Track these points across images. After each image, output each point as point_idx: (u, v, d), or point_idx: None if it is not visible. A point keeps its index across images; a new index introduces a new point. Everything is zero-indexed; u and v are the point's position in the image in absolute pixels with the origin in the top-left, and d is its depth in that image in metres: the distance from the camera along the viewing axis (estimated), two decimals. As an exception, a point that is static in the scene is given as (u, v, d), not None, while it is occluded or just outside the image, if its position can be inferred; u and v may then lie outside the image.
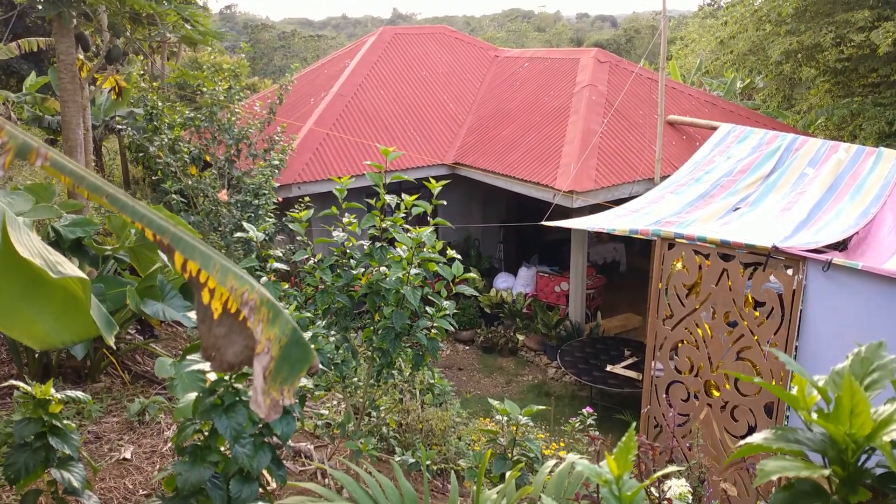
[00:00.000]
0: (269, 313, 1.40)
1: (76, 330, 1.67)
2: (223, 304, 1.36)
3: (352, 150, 12.22)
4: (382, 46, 15.09)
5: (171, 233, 1.33)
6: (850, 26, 12.19)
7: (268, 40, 49.34)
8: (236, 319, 1.38)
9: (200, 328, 1.38)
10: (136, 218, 1.33)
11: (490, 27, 69.17)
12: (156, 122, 9.08)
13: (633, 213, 8.18)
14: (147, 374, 5.51)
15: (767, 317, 6.52)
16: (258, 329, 1.38)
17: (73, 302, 1.64)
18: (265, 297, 1.41)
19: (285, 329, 1.42)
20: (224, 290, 1.35)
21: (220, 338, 1.38)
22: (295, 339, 1.42)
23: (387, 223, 3.61)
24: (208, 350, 1.39)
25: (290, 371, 1.41)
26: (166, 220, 1.37)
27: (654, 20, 53.81)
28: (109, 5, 7.35)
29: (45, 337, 1.65)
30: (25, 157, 1.21)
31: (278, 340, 1.40)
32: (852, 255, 6.57)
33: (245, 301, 1.37)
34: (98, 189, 1.31)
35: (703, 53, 24.86)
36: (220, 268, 1.36)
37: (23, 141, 1.20)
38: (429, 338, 3.64)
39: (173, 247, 1.32)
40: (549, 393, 10.22)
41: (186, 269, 1.33)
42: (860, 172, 7.85)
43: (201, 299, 1.36)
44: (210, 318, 1.37)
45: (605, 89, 12.37)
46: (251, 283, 1.40)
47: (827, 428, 1.17)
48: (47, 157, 1.23)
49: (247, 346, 1.38)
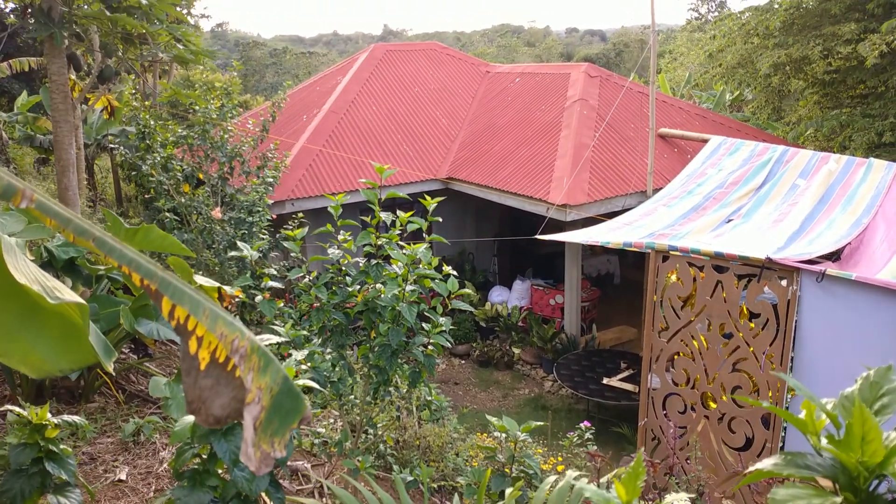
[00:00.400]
0: (259, 361, 1.36)
1: (74, 357, 1.65)
2: (211, 353, 1.32)
3: (345, 166, 12.23)
4: (374, 63, 15.16)
5: (160, 277, 1.30)
6: (837, 39, 12.32)
7: (259, 57, 49.52)
8: (224, 370, 1.33)
9: (185, 381, 1.33)
10: (124, 262, 1.30)
11: (480, 42, 69.58)
12: (148, 141, 9.08)
13: (626, 226, 8.21)
14: (141, 394, 5.47)
15: (763, 328, 6.53)
16: (248, 377, 1.33)
17: (71, 328, 1.62)
18: (256, 344, 1.37)
19: (276, 378, 1.37)
20: (213, 337, 1.31)
21: (205, 389, 1.33)
22: (286, 388, 1.38)
23: (382, 240, 3.60)
24: (193, 403, 1.33)
25: (281, 422, 1.37)
26: (154, 265, 1.34)
27: (643, 34, 54.28)
28: (101, 25, 7.36)
29: (42, 365, 1.62)
30: (9, 200, 1.20)
31: (269, 389, 1.36)
32: (845, 265, 6.60)
33: (235, 348, 1.33)
34: (85, 233, 1.29)
35: (692, 66, 25.09)
36: (210, 314, 1.33)
37: (7, 182, 1.19)
38: (425, 354, 3.63)
39: (161, 292, 1.29)
40: (546, 406, 10.19)
41: (174, 317, 1.30)
42: (851, 183, 7.91)
43: (188, 349, 1.32)
44: (196, 369, 1.32)
45: (596, 103, 12.44)
46: (241, 330, 1.36)
47: (838, 455, 1.16)
48: (33, 199, 1.21)
49: (234, 397, 1.34)
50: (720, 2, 41.64)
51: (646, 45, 47.43)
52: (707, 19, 38.15)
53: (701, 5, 41.57)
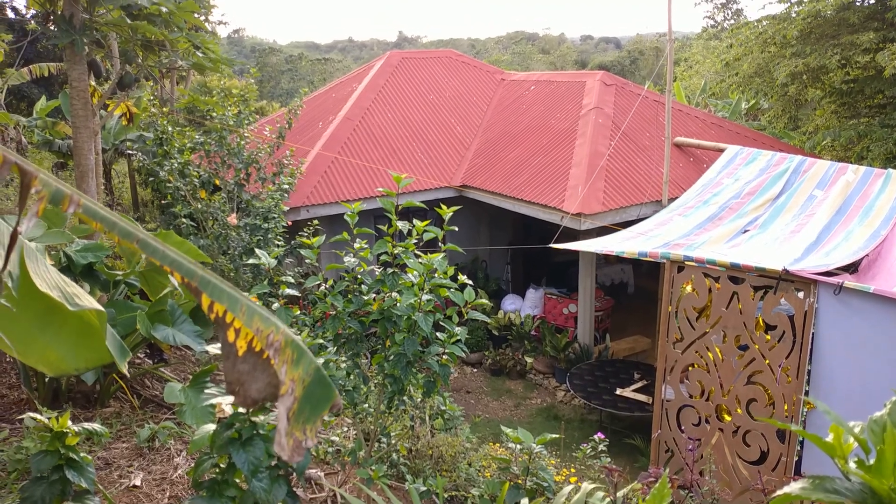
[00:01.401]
0: (293, 354, 1.40)
1: (90, 357, 1.68)
2: (248, 342, 1.37)
3: (360, 173, 12.28)
4: (390, 70, 15.22)
5: (200, 276, 1.35)
6: (856, 48, 12.24)
7: (275, 64, 49.83)
8: (260, 357, 1.38)
9: (225, 364, 1.39)
10: (166, 262, 1.34)
11: (495, 49, 69.70)
12: (166, 147, 9.16)
13: (641, 236, 8.18)
14: (156, 399, 5.50)
15: (779, 340, 6.48)
16: (283, 370, 1.38)
17: (88, 329, 1.65)
18: (290, 337, 1.41)
19: (308, 369, 1.42)
20: (249, 330, 1.36)
21: (244, 374, 1.38)
22: (318, 378, 1.42)
23: (398, 249, 3.61)
24: (232, 385, 1.39)
25: (312, 411, 1.41)
26: (195, 264, 1.39)
27: (659, 42, 54.16)
28: (122, 32, 7.45)
29: (59, 364, 1.65)
30: (59, 204, 1.22)
31: (302, 381, 1.40)
32: (863, 277, 6.54)
33: (270, 342, 1.38)
34: (129, 235, 1.32)
35: (708, 75, 25.00)
36: (247, 310, 1.37)
37: (55, 188, 1.22)
38: (440, 364, 3.63)
39: (201, 289, 1.33)
40: (558, 416, 10.15)
41: (213, 310, 1.34)
42: (869, 194, 7.84)
43: (226, 337, 1.37)
44: (234, 355, 1.37)
45: (611, 112, 12.42)
46: (276, 325, 1.41)
47: (869, 481, 1.14)
48: (80, 203, 1.24)
49: (270, 382, 1.39)
50: (736, 10, 41.43)
51: (661, 52, 47.21)
52: (723, 27, 37.98)
53: (717, 13, 41.33)
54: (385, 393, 3.87)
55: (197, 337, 4.91)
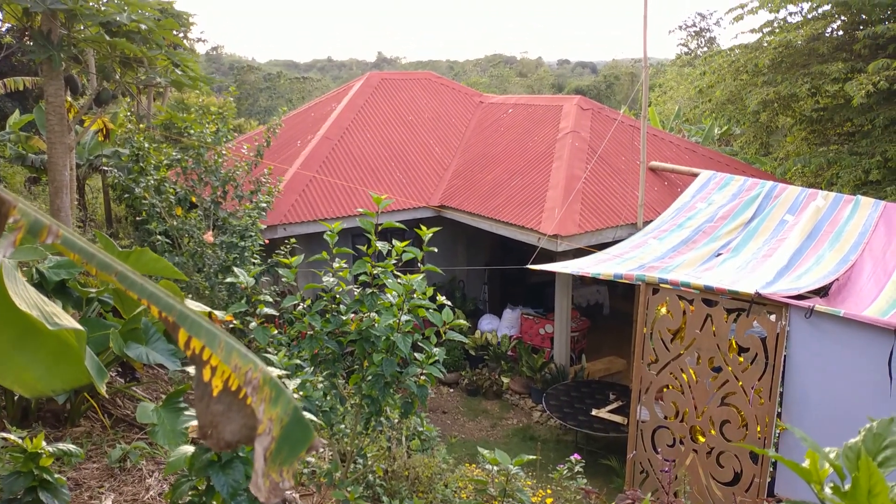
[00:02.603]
0: (271, 392, 1.38)
1: (67, 378, 1.66)
2: (224, 381, 1.35)
3: (338, 192, 12.28)
4: (369, 91, 15.29)
5: (178, 311, 1.33)
6: (825, 78, 12.57)
7: (253, 81, 49.82)
8: (236, 397, 1.36)
9: (197, 406, 1.36)
10: (144, 295, 1.33)
11: (473, 72, 70.32)
12: (142, 164, 9.09)
13: (617, 258, 8.27)
14: (128, 419, 5.41)
15: (752, 362, 6.57)
16: (260, 409, 1.36)
17: (65, 350, 1.63)
18: (268, 375, 1.40)
19: (287, 408, 1.40)
20: (227, 368, 1.35)
21: (217, 415, 1.35)
22: (296, 418, 1.41)
23: (378, 269, 3.62)
24: (205, 428, 1.36)
25: (289, 452, 1.39)
26: (173, 298, 1.37)
27: (634, 67, 55.07)
28: (100, 49, 7.40)
29: (36, 384, 1.63)
30: (37, 235, 1.22)
31: (280, 420, 1.39)
32: (833, 301, 6.67)
33: (248, 380, 1.36)
34: (108, 267, 1.31)
35: (682, 100, 25.46)
36: (225, 346, 1.35)
37: (34, 218, 1.21)
38: (418, 385, 3.62)
39: (179, 324, 1.32)
40: (534, 437, 10.15)
41: (190, 347, 1.33)
42: (839, 220, 8.02)
43: (202, 376, 1.35)
44: (209, 395, 1.35)
45: (587, 136, 12.59)
46: (255, 362, 1.39)
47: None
48: (59, 234, 1.24)
49: (245, 424, 1.36)
50: (710, 38, 42.36)
51: (636, 78, 47.85)
52: (696, 55, 38.76)
53: (691, 41, 42.24)
54: (362, 414, 3.85)
55: (171, 356, 4.85)
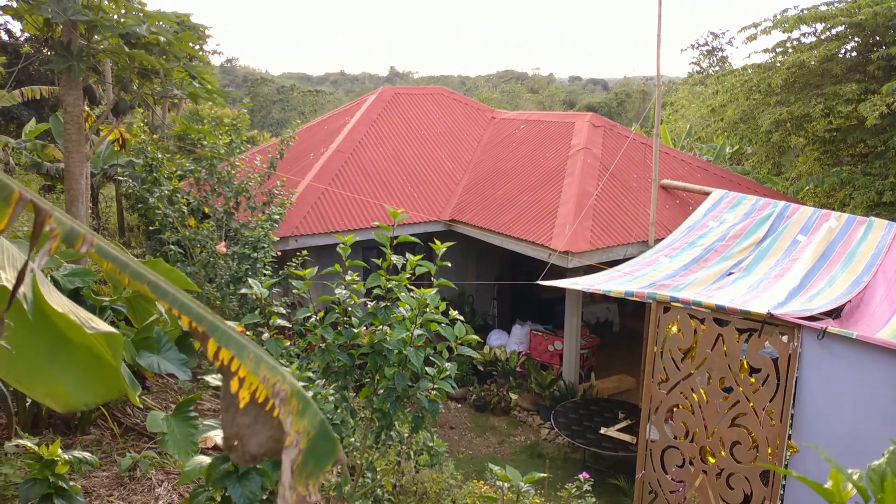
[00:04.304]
0: (298, 405, 1.38)
1: (99, 391, 1.66)
2: (251, 393, 1.35)
3: (349, 205, 12.33)
4: (382, 105, 15.39)
5: (209, 321, 1.34)
6: (839, 98, 12.55)
7: (267, 94, 50.23)
8: (262, 409, 1.36)
9: (223, 417, 1.36)
10: (176, 305, 1.34)
11: (485, 87, 70.65)
12: (155, 174, 9.17)
13: (627, 275, 8.25)
14: (137, 427, 5.42)
15: (763, 383, 6.53)
16: (288, 421, 1.36)
17: (97, 362, 1.64)
18: (296, 387, 1.40)
19: (314, 421, 1.40)
20: (255, 379, 1.35)
21: (243, 427, 1.36)
22: (322, 431, 1.41)
23: (392, 283, 3.63)
24: (230, 440, 1.36)
25: (315, 465, 1.39)
26: (204, 308, 1.38)
27: (645, 85, 55.19)
28: (119, 60, 7.50)
29: (68, 398, 1.63)
30: (72, 244, 1.24)
31: (307, 433, 1.39)
32: (846, 323, 6.62)
33: (276, 392, 1.36)
34: (140, 276, 1.33)
35: (693, 119, 25.47)
36: (254, 357, 1.36)
37: (70, 227, 1.23)
38: (429, 400, 3.62)
39: (209, 335, 1.32)
40: (542, 454, 10.08)
41: (219, 357, 1.33)
42: (851, 241, 7.98)
43: (229, 388, 1.34)
44: (235, 406, 1.35)
45: (599, 153, 12.60)
46: (283, 374, 1.39)
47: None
48: (93, 243, 1.25)
49: (271, 436, 1.36)
50: (721, 57, 42.47)
51: (647, 95, 47.95)
52: (708, 73, 38.85)
53: (703, 60, 42.38)
54: (372, 427, 3.85)
55: (182, 365, 4.87)
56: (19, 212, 1.19)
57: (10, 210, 1.18)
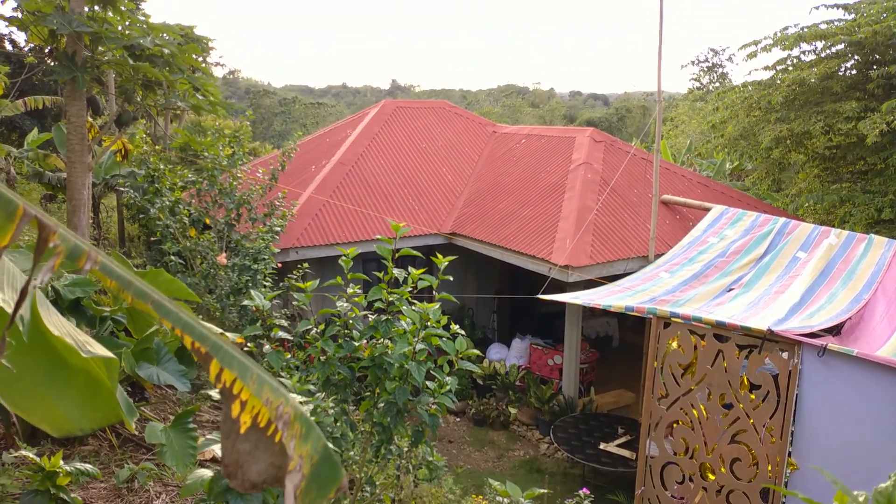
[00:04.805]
0: (302, 429, 1.36)
1: (96, 416, 1.65)
2: (253, 417, 1.33)
3: (350, 217, 12.35)
4: (384, 118, 15.45)
5: (212, 342, 1.33)
6: (839, 116, 12.60)
7: (269, 105, 50.48)
8: (264, 434, 1.34)
9: (224, 444, 1.34)
10: (179, 325, 1.32)
11: (486, 101, 70.92)
12: (157, 185, 9.19)
13: (627, 290, 8.24)
14: (135, 439, 5.40)
15: (763, 400, 6.51)
16: (291, 445, 1.33)
17: (95, 386, 1.62)
18: (299, 411, 1.38)
19: (317, 446, 1.38)
20: (257, 402, 1.32)
21: (244, 454, 1.33)
22: (326, 456, 1.38)
23: (394, 297, 3.63)
24: (230, 467, 1.34)
25: (319, 491, 1.37)
26: (207, 329, 1.37)
27: (646, 101, 55.42)
28: (123, 71, 7.53)
29: (64, 423, 1.61)
30: (76, 261, 1.24)
31: (310, 458, 1.37)
32: (846, 340, 6.62)
33: (280, 415, 1.34)
34: (144, 295, 1.32)
35: (693, 134, 25.56)
36: (257, 379, 1.34)
37: (74, 244, 1.23)
38: (430, 414, 3.61)
39: (212, 355, 1.31)
40: (541, 469, 10.04)
41: (221, 379, 1.31)
42: (851, 258, 7.99)
43: (230, 412, 1.32)
44: (236, 432, 1.33)
45: (600, 168, 12.64)
46: (286, 396, 1.37)
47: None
48: (97, 261, 1.25)
49: (272, 463, 1.35)
50: (722, 73, 42.68)
51: (647, 111, 48.06)
52: (708, 89, 39.01)
53: (703, 76, 42.58)
54: (372, 441, 3.84)
55: (181, 377, 4.87)
56: (23, 227, 1.19)
57: (14, 226, 1.18)
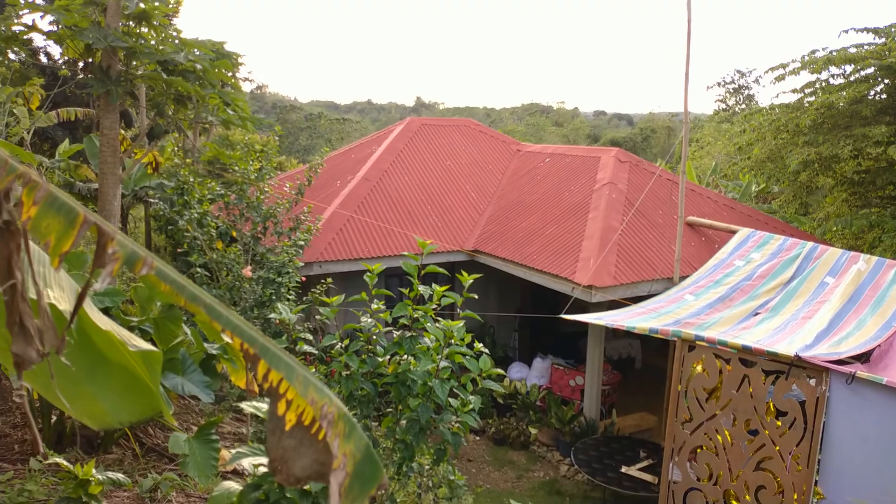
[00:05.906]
0: (345, 428, 1.40)
1: (135, 409, 1.69)
2: (298, 415, 1.38)
3: (374, 232, 12.42)
4: (409, 135, 15.56)
5: (260, 344, 1.38)
6: (868, 140, 12.47)
7: (295, 120, 51.02)
8: (308, 432, 1.38)
9: (269, 439, 1.38)
10: (230, 327, 1.37)
11: (510, 119, 71.08)
12: (186, 197, 9.32)
13: (652, 312, 8.18)
14: (158, 448, 5.44)
15: (790, 427, 6.41)
16: (335, 443, 1.38)
17: (134, 381, 1.67)
18: (342, 410, 1.42)
19: (359, 445, 1.42)
20: (302, 401, 1.37)
21: (289, 450, 1.38)
22: (367, 455, 1.43)
23: (418, 313, 3.64)
24: (275, 462, 1.38)
25: (361, 489, 1.40)
26: (256, 331, 1.42)
27: (671, 121, 55.18)
28: (156, 85, 7.69)
29: (104, 416, 1.66)
30: (133, 267, 1.28)
31: (353, 456, 1.40)
32: (875, 368, 6.50)
33: (324, 414, 1.38)
34: (196, 299, 1.36)
35: (719, 156, 25.39)
36: (303, 379, 1.38)
37: (131, 250, 1.28)
38: (452, 432, 3.60)
39: (260, 356, 1.35)
40: (561, 492, 9.94)
41: (268, 379, 1.35)
42: (881, 284, 7.86)
43: (276, 410, 1.37)
44: (281, 429, 1.37)
45: (625, 188, 12.60)
46: (330, 397, 1.42)
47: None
48: (153, 266, 1.30)
49: (316, 459, 1.38)
50: (748, 95, 42.44)
51: (672, 131, 47.80)
52: (734, 111, 38.80)
53: (729, 97, 42.37)
54: (393, 458, 3.83)
55: (205, 388, 4.90)
56: (83, 234, 1.24)
57: (75, 232, 1.23)
